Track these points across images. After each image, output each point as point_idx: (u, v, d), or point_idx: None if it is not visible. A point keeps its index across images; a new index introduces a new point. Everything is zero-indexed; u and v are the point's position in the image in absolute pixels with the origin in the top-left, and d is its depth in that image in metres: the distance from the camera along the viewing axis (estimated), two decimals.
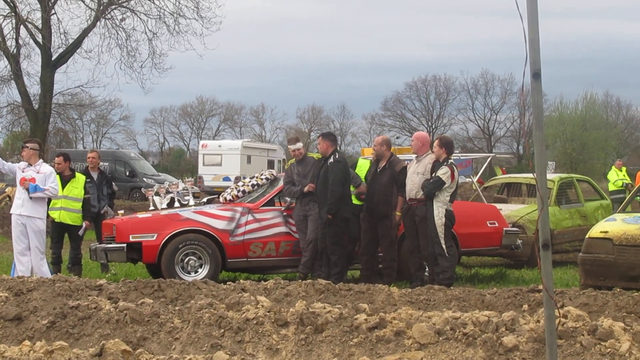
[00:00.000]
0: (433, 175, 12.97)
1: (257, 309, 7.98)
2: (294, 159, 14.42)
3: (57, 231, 14.90)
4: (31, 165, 13.32)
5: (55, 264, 14.78)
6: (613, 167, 29.29)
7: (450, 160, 13.06)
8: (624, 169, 29.05)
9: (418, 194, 13.12)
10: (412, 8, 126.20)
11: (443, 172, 12.81)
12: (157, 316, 8.09)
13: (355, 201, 13.89)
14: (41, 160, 13.52)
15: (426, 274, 13.43)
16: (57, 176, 14.56)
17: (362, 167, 14.43)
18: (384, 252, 13.62)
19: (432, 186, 12.83)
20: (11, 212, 13.42)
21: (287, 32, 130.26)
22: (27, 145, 13.58)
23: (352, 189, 13.88)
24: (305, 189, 13.70)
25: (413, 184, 13.28)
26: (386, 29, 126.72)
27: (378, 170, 13.85)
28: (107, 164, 38.84)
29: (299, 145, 14.32)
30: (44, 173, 13.29)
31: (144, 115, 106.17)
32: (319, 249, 13.68)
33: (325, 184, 13.44)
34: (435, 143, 13.31)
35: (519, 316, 7.63)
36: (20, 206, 13.23)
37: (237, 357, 7.02)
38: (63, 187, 14.56)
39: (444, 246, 12.74)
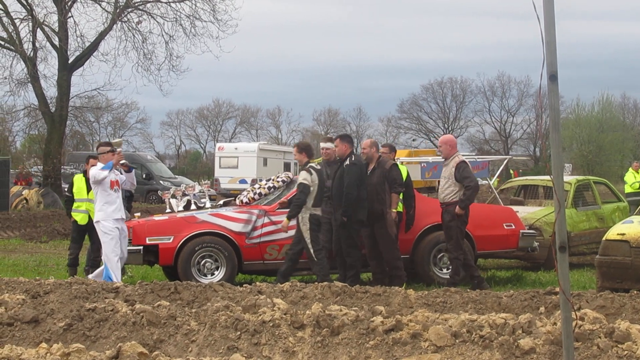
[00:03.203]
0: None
1: (273, 312, 7.99)
2: (319, 159, 14.37)
3: (79, 232, 14.95)
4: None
5: (72, 266, 14.82)
6: (630, 169, 29.17)
7: (309, 164, 13.13)
8: None
9: (446, 197, 13.14)
10: (428, 10, 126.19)
11: (304, 177, 12.95)
12: (174, 318, 8.10)
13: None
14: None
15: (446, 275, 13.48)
16: (83, 178, 14.66)
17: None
18: (385, 254, 13.52)
19: (302, 194, 13.07)
20: (100, 219, 12.94)
21: (303, 35, 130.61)
22: (113, 149, 13.47)
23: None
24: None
25: (441, 188, 13.33)
26: (403, 31, 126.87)
27: (368, 172, 13.80)
28: None
29: (328, 144, 14.20)
30: (118, 172, 13.27)
31: (161, 117, 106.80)
32: (334, 252, 13.63)
33: (340, 186, 13.39)
34: (295, 150, 13.48)
35: (536, 319, 7.61)
36: (119, 210, 13.10)
37: None
38: (88, 190, 14.59)
39: (311, 251, 12.87)
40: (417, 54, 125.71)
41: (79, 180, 14.92)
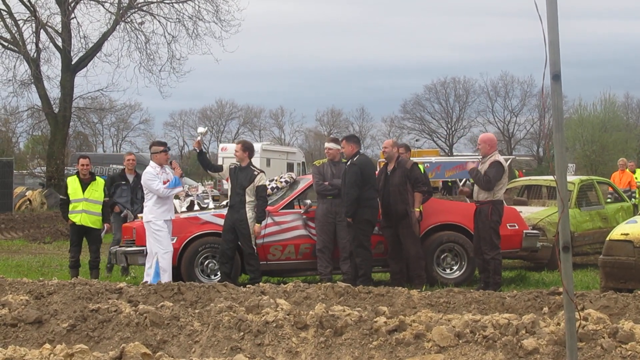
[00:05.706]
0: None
1: (276, 312, 7.99)
2: (325, 159, 14.36)
3: (77, 235, 14.88)
4: (162, 167, 13.18)
5: (74, 268, 14.79)
6: (637, 170, 29.09)
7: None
8: None
9: (480, 196, 13.07)
10: (430, 10, 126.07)
11: (265, 179, 13.62)
12: (177, 319, 8.10)
13: None
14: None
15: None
16: (77, 179, 14.64)
17: None
18: (410, 252, 13.53)
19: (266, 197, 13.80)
20: (152, 219, 12.89)
21: (305, 35, 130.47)
22: (166, 148, 13.41)
23: None
24: None
25: (477, 186, 13.22)
26: (405, 31, 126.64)
27: (389, 172, 13.80)
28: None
29: (332, 145, 14.15)
30: (171, 174, 13.24)
31: (164, 118, 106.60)
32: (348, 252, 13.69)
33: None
34: (239, 147, 13.90)
35: (539, 319, 7.61)
36: (169, 211, 13.06)
37: None
38: (83, 190, 14.59)
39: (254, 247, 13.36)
40: (420, 54, 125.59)
41: (73, 181, 14.83)
